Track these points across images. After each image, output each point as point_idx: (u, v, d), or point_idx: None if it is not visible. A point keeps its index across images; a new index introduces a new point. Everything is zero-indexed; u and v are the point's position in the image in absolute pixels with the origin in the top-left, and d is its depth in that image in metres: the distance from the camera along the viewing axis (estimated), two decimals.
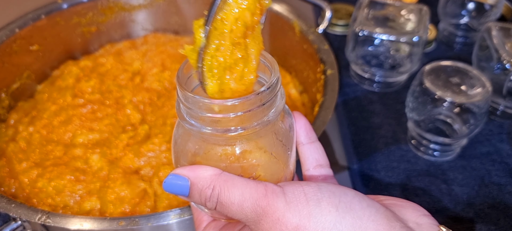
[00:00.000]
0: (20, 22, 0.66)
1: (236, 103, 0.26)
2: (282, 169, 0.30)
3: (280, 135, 0.30)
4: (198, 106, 0.27)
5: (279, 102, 0.29)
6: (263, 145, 0.29)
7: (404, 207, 0.28)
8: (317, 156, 0.33)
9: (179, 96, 0.28)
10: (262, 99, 0.27)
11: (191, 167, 0.28)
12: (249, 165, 0.29)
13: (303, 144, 0.33)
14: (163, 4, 0.77)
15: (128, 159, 0.56)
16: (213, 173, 0.27)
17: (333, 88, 0.57)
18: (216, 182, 0.27)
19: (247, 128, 0.27)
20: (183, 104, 0.28)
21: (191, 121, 0.28)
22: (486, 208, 0.56)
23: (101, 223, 0.42)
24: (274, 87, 0.28)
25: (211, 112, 0.27)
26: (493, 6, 0.79)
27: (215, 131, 0.27)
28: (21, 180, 0.54)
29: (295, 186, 0.27)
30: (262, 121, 0.28)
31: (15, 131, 0.61)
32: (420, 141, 0.62)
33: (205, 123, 0.27)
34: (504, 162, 0.61)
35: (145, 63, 0.70)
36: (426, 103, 0.59)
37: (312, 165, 0.33)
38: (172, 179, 0.27)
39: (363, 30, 0.69)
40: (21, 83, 0.66)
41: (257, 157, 0.29)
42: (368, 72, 0.72)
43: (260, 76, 0.30)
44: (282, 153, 0.30)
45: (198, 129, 0.28)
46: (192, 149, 0.29)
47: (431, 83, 0.59)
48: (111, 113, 0.62)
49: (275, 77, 0.28)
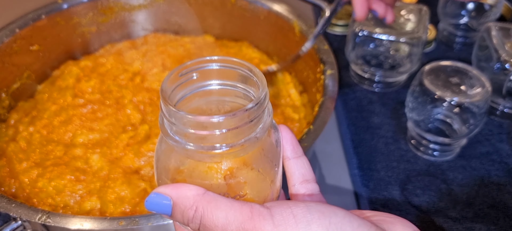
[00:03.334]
0: (20, 22, 0.66)
1: (222, 120, 0.25)
2: (269, 186, 0.29)
3: (267, 151, 0.29)
4: (183, 122, 0.26)
5: (266, 118, 0.28)
6: (250, 162, 0.28)
7: (393, 224, 0.27)
8: (303, 171, 0.32)
9: (162, 111, 0.27)
10: (249, 116, 0.26)
11: (174, 185, 0.26)
12: (235, 183, 0.28)
13: (289, 158, 0.32)
14: (163, 4, 0.77)
15: (128, 158, 0.56)
16: (196, 192, 0.26)
17: (333, 88, 0.57)
18: (199, 202, 0.25)
19: (234, 145, 0.26)
20: (166, 119, 0.26)
21: (175, 136, 0.26)
22: (486, 208, 0.56)
23: (101, 223, 0.42)
24: (262, 103, 0.27)
25: (197, 128, 0.26)
26: (492, 6, 0.79)
27: (200, 148, 0.26)
28: (21, 180, 0.54)
29: (283, 207, 0.25)
30: (250, 137, 0.27)
31: (15, 131, 0.61)
32: (419, 140, 0.62)
33: (190, 139, 0.26)
34: (503, 162, 0.61)
35: (145, 63, 0.70)
36: (426, 103, 0.59)
37: (299, 180, 0.32)
38: (154, 197, 0.26)
39: (363, 30, 0.69)
40: (22, 83, 0.66)
41: (244, 175, 0.28)
42: (368, 72, 0.72)
43: (248, 91, 0.29)
44: (269, 170, 0.29)
45: (182, 146, 0.26)
46: (176, 166, 0.28)
47: (430, 83, 0.59)
48: (111, 113, 0.62)
49: (263, 93, 0.27)
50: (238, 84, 0.30)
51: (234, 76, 0.30)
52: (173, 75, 0.28)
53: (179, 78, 0.29)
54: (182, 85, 0.29)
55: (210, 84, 0.30)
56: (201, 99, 0.30)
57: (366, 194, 0.58)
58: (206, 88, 0.30)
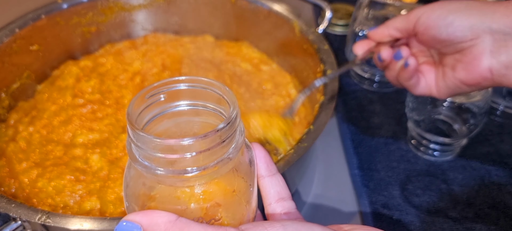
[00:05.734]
0: (20, 22, 0.66)
1: (192, 142, 0.24)
2: (244, 207, 0.29)
3: (241, 172, 0.28)
4: (151, 147, 0.25)
5: (239, 137, 0.27)
6: (224, 184, 0.27)
7: None
8: (278, 189, 0.31)
9: (129, 135, 0.26)
10: (221, 137, 0.25)
11: (144, 212, 0.25)
12: (210, 207, 0.27)
13: (263, 177, 0.31)
14: (163, 4, 0.77)
15: (128, 159, 0.56)
16: (168, 219, 0.24)
17: (333, 88, 0.57)
18: (171, 229, 0.24)
19: (207, 167, 0.25)
20: (134, 144, 0.25)
21: (144, 162, 0.25)
22: (486, 208, 0.56)
23: (101, 223, 0.42)
24: (233, 122, 0.26)
25: (166, 152, 0.25)
26: None
27: (171, 173, 0.25)
28: (21, 180, 0.54)
29: (258, 228, 0.25)
30: (222, 158, 0.26)
31: (15, 131, 0.61)
32: (420, 140, 0.62)
33: (160, 164, 0.25)
34: (504, 162, 0.61)
35: (145, 63, 0.70)
36: (426, 103, 0.59)
37: (274, 198, 0.31)
38: (124, 226, 0.25)
39: (363, 30, 0.69)
40: (21, 83, 0.66)
41: (218, 197, 0.27)
42: (368, 72, 0.72)
43: (220, 110, 0.28)
44: (244, 190, 0.28)
45: (152, 171, 0.25)
46: (146, 192, 0.27)
47: None
48: (111, 113, 0.62)
49: (234, 112, 0.26)
50: (208, 104, 0.29)
51: (204, 96, 0.29)
52: (140, 97, 0.27)
53: (146, 100, 0.28)
54: (149, 107, 0.28)
55: (178, 105, 0.29)
56: (170, 121, 0.29)
57: (366, 194, 0.57)
58: (174, 110, 0.29)
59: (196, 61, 0.70)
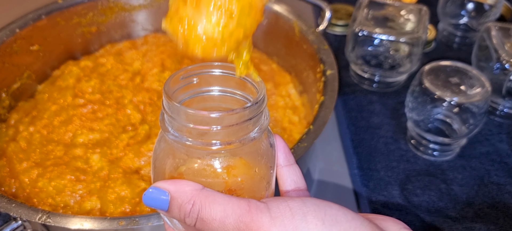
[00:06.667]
0: (20, 22, 0.66)
1: (221, 116, 0.26)
2: (264, 188, 0.30)
3: (264, 153, 0.30)
4: (184, 117, 0.27)
5: (264, 120, 0.29)
6: (247, 162, 0.29)
7: (385, 220, 0.28)
8: (295, 178, 0.32)
9: (164, 107, 0.28)
10: (248, 114, 0.27)
11: (172, 181, 0.27)
12: (232, 182, 0.28)
13: (281, 166, 0.33)
14: (163, 4, 0.77)
15: (128, 158, 0.56)
16: (194, 188, 0.26)
17: (333, 88, 0.57)
18: (197, 197, 0.26)
19: (232, 142, 0.27)
20: (167, 115, 0.27)
21: (176, 133, 0.27)
22: (486, 208, 0.56)
23: (102, 222, 0.42)
24: (261, 103, 0.28)
25: (196, 124, 0.26)
26: (492, 6, 0.79)
27: (198, 144, 0.27)
28: (21, 180, 0.54)
29: (279, 201, 0.26)
30: (247, 136, 0.27)
31: (15, 131, 0.61)
32: (419, 140, 0.62)
33: (189, 135, 0.27)
34: (503, 162, 0.61)
35: (145, 63, 0.70)
36: (426, 103, 0.59)
37: (291, 187, 0.32)
38: (152, 192, 0.27)
39: (362, 30, 0.69)
40: (22, 83, 0.66)
41: (241, 174, 0.28)
42: (367, 72, 0.72)
43: (247, 98, 0.30)
44: (265, 171, 0.30)
45: (181, 141, 0.27)
46: (174, 163, 0.29)
47: (430, 83, 0.59)
48: (112, 113, 0.62)
49: (261, 94, 0.28)
50: (237, 91, 0.30)
51: (232, 82, 0.30)
52: (175, 77, 0.29)
53: (180, 81, 0.29)
54: (182, 88, 0.30)
55: (210, 90, 0.31)
56: (199, 105, 0.31)
57: (366, 194, 0.58)
58: (205, 94, 0.31)
59: (196, 61, 0.70)
